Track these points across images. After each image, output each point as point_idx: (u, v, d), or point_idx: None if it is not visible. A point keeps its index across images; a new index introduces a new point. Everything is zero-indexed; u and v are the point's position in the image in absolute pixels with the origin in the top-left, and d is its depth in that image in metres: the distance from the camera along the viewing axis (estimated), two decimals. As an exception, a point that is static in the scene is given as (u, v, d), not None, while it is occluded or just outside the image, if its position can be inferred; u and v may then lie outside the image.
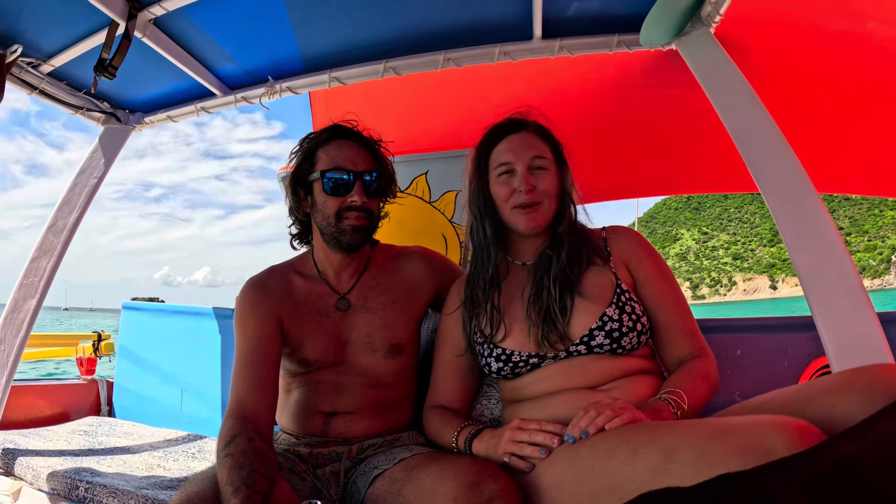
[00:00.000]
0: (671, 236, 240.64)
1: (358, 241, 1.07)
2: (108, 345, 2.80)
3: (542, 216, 1.01)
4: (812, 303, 1.03)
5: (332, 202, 1.06)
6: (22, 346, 1.61)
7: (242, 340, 1.05)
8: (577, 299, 0.95)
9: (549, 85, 1.95)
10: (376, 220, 1.13)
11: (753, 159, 1.16)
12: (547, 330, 0.93)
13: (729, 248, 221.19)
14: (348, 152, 1.07)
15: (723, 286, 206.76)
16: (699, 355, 0.96)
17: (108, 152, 1.81)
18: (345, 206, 1.05)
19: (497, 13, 1.42)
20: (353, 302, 1.12)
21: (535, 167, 1.01)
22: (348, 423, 1.07)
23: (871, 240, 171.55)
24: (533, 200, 0.99)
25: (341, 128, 1.12)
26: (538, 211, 1.00)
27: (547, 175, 1.02)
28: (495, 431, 0.91)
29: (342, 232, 1.06)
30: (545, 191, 1.00)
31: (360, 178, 1.06)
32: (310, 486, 0.98)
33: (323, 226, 1.08)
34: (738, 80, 1.22)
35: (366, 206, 1.07)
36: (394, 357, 1.10)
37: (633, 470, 0.65)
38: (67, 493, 1.28)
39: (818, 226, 1.06)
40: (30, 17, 1.37)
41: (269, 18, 1.42)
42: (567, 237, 1.02)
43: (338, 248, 1.09)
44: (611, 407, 0.76)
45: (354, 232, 1.06)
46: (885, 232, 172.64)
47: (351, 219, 1.05)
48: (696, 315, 1.05)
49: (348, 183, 1.05)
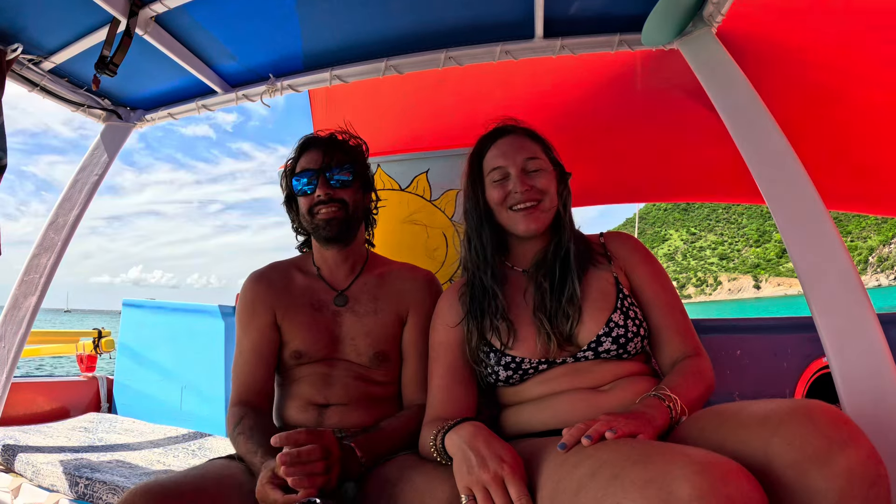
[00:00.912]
0: (660, 237, 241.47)
1: (335, 231, 1.14)
2: (109, 342, 2.81)
3: (542, 215, 1.00)
4: (812, 303, 1.03)
5: (303, 202, 1.16)
6: (22, 342, 1.61)
7: (241, 334, 1.15)
8: (583, 305, 0.95)
9: (549, 84, 1.95)
10: (354, 210, 1.17)
11: (755, 160, 1.15)
12: (555, 337, 0.93)
13: (716, 248, 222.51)
14: (311, 156, 1.16)
15: (708, 286, 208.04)
16: (693, 355, 0.96)
17: (110, 149, 1.81)
18: (314, 203, 1.14)
19: (499, 12, 1.42)
20: (350, 299, 1.17)
21: (530, 169, 1.01)
22: (341, 415, 1.09)
23: (853, 240, 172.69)
24: (531, 198, 0.99)
25: (307, 138, 1.22)
26: (538, 209, 0.99)
27: (544, 175, 1.01)
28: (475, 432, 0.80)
29: (318, 226, 1.14)
30: (543, 189, 1.00)
31: (321, 174, 1.13)
32: None
33: (306, 225, 1.18)
34: (740, 80, 1.22)
35: (334, 198, 1.13)
36: (379, 364, 1.13)
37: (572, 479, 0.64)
38: (67, 489, 1.28)
39: (818, 226, 1.06)
40: (31, 14, 1.37)
41: (270, 15, 1.42)
42: (568, 241, 1.01)
43: (323, 243, 1.17)
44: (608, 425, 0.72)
45: (328, 224, 1.13)
46: (868, 233, 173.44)
47: (321, 213, 1.13)
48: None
49: (311, 182, 1.14)
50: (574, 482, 0.64)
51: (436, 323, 1.10)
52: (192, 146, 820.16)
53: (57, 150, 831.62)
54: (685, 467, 0.54)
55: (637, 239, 1.08)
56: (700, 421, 0.75)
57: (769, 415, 0.64)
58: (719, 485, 0.52)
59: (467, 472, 0.74)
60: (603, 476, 0.60)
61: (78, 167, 1.78)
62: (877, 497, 0.57)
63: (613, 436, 0.68)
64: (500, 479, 0.72)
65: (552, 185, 1.02)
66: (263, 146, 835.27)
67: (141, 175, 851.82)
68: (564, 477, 0.67)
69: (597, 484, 0.60)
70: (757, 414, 0.66)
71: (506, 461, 0.73)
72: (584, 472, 0.63)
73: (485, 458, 0.74)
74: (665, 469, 0.55)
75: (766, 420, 0.64)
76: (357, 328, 1.14)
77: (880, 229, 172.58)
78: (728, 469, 0.55)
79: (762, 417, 0.65)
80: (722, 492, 0.52)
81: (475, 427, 0.81)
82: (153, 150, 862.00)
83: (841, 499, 0.57)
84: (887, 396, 0.92)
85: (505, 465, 0.73)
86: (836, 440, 0.58)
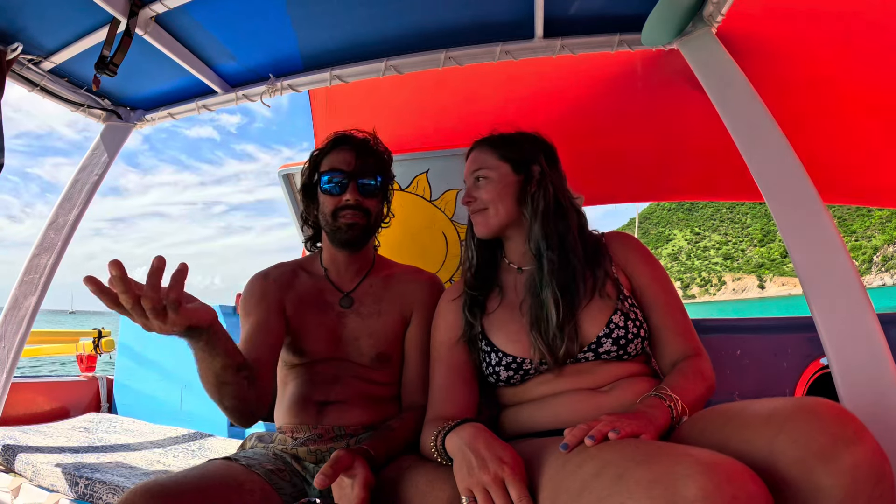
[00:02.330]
0: (664, 237, 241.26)
1: (354, 237, 1.14)
2: (109, 342, 2.80)
3: (486, 221, 1.06)
4: (812, 303, 1.03)
5: (329, 201, 1.14)
6: (22, 342, 1.61)
7: (245, 321, 1.11)
8: (582, 306, 0.95)
9: (549, 84, 1.95)
10: (375, 220, 1.18)
11: (754, 159, 1.15)
12: (555, 337, 0.93)
13: (720, 248, 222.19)
14: (345, 156, 1.15)
15: (712, 286, 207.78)
16: (693, 355, 0.96)
17: (110, 149, 1.81)
18: (340, 205, 1.13)
19: (499, 12, 1.42)
20: (354, 301, 1.17)
21: (476, 178, 1.08)
22: (341, 412, 1.10)
23: (857, 240, 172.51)
24: (472, 209, 1.08)
25: (342, 135, 1.20)
26: (481, 215, 1.07)
27: (488, 184, 1.06)
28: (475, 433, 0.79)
29: (338, 229, 1.13)
30: (485, 199, 1.06)
31: (355, 179, 1.13)
32: (298, 486, 1.00)
33: (324, 224, 1.17)
34: (740, 80, 1.22)
35: (361, 206, 1.13)
36: (381, 365, 1.14)
37: (574, 479, 0.64)
38: (67, 489, 1.28)
39: (818, 226, 1.06)
40: (31, 14, 1.37)
41: (271, 15, 1.42)
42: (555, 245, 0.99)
43: (338, 246, 1.16)
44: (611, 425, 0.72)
45: (349, 229, 1.13)
46: (872, 231, 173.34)
47: (346, 217, 1.12)
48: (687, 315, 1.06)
49: (343, 183, 1.13)
50: (577, 482, 0.64)
51: (437, 322, 1.10)
52: (197, 148, 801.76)
53: (61, 152, 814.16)
54: (690, 467, 0.54)
55: (637, 239, 1.09)
56: (703, 420, 0.75)
57: (773, 413, 0.64)
58: (724, 485, 0.52)
59: (468, 473, 0.74)
60: (607, 476, 0.60)
61: (78, 167, 1.78)
62: (882, 494, 0.57)
63: (617, 436, 0.68)
64: (501, 481, 0.72)
65: (499, 192, 1.04)
66: (267, 147, 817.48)
67: (145, 177, 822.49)
68: (567, 477, 0.66)
69: (601, 484, 0.60)
70: (761, 412, 0.66)
71: (506, 462, 0.73)
72: (588, 472, 0.63)
73: (485, 460, 0.74)
74: (670, 469, 0.55)
75: (770, 418, 0.64)
76: (361, 329, 1.14)
77: (885, 228, 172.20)
78: (733, 469, 0.54)
79: (766, 416, 0.64)
80: (727, 492, 0.52)
81: (475, 428, 0.80)
82: (157, 151, 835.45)
83: (846, 496, 0.56)
84: (887, 396, 0.93)
85: (505, 467, 0.72)
86: (842, 437, 0.58)
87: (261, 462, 0.98)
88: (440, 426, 0.87)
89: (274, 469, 0.98)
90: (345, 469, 0.81)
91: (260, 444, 1.12)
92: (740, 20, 1.31)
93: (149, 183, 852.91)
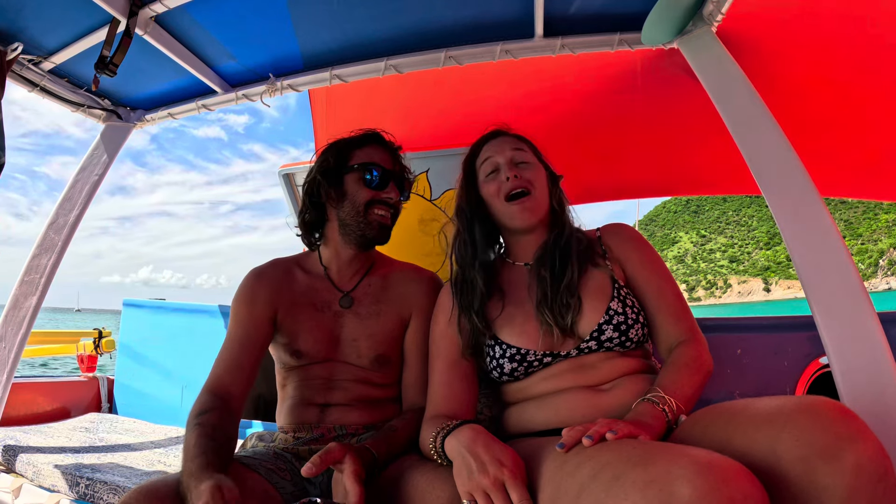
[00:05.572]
0: (669, 239, 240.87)
1: (379, 236, 1.14)
2: (109, 342, 2.80)
3: (536, 205, 1.04)
4: (812, 303, 1.03)
5: (365, 193, 1.13)
6: (23, 343, 1.61)
7: (233, 324, 1.11)
8: (582, 296, 0.96)
9: (549, 83, 1.95)
10: (394, 222, 1.19)
11: (755, 158, 1.15)
12: (558, 327, 0.94)
13: (726, 250, 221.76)
14: (381, 153, 1.17)
15: (718, 288, 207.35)
16: (688, 340, 0.96)
17: (110, 150, 1.81)
18: (377, 199, 1.13)
19: (498, 11, 1.42)
20: (354, 301, 1.16)
21: (518, 161, 1.07)
22: (342, 413, 1.10)
23: (863, 243, 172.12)
24: (519, 185, 1.04)
25: (375, 133, 1.21)
26: (530, 199, 1.04)
27: (530, 168, 1.07)
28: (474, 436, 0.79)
29: (368, 224, 1.13)
30: (531, 180, 1.05)
31: (394, 177, 1.16)
32: (299, 486, 1.00)
33: (349, 217, 1.13)
34: (740, 79, 1.22)
35: (395, 204, 1.16)
36: (380, 367, 1.13)
37: (573, 481, 0.64)
38: (68, 489, 1.28)
39: (819, 225, 1.06)
40: (31, 15, 1.37)
41: (271, 15, 1.42)
42: (565, 234, 1.04)
43: (355, 243, 1.15)
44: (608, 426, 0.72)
45: (381, 227, 1.14)
46: (879, 235, 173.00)
47: (380, 214, 1.13)
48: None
49: (385, 179, 1.14)
50: (575, 484, 0.64)
51: (437, 317, 1.10)
52: (204, 147, 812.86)
53: (69, 151, 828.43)
54: (686, 468, 0.54)
55: (632, 228, 1.10)
56: (705, 419, 0.75)
57: (776, 411, 0.64)
58: (720, 485, 0.52)
59: (468, 477, 0.74)
60: (604, 478, 0.60)
61: (78, 167, 1.78)
62: (884, 493, 0.57)
63: (614, 437, 0.68)
64: (501, 484, 0.72)
65: (541, 179, 1.07)
66: (275, 147, 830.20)
67: (153, 176, 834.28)
68: (565, 479, 0.67)
69: (598, 486, 0.60)
70: (764, 411, 0.66)
71: (506, 465, 0.73)
72: (586, 474, 0.63)
73: (485, 463, 0.74)
74: (666, 470, 0.55)
75: (773, 417, 0.64)
76: (359, 330, 1.13)
77: (891, 232, 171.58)
78: (729, 469, 0.55)
79: (769, 414, 0.64)
80: (723, 492, 0.52)
81: (474, 431, 0.80)
82: (165, 151, 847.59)
83: (849, 494, 0.57)
84: (887, 395, 0.92)
85: (505, 469, 0.72)
86: (844, 436, 0.58)
87: (261, 461, 0.98)
88: (439, 426, 0.87)
89: (274, 468, 0.98)
90: (334, 462, 0.80)
91: (261, 444, 1.12)
92: (740, 19, 1.31)
93: (156, 182, 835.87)
